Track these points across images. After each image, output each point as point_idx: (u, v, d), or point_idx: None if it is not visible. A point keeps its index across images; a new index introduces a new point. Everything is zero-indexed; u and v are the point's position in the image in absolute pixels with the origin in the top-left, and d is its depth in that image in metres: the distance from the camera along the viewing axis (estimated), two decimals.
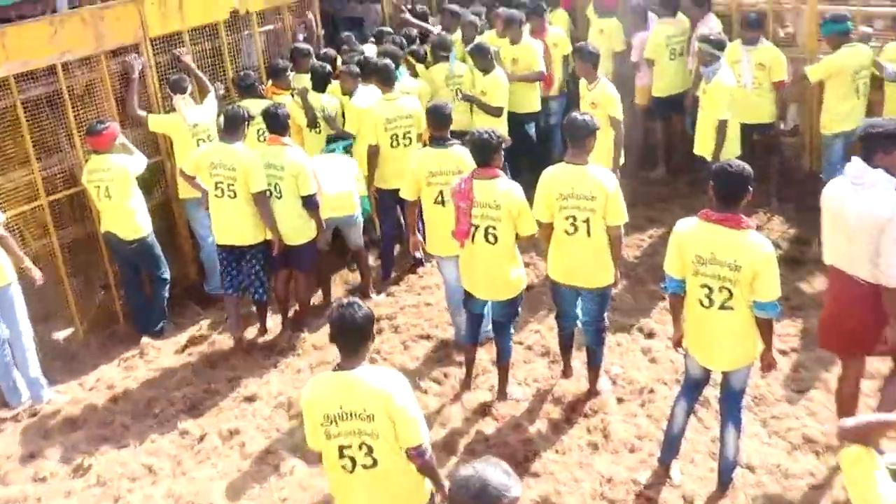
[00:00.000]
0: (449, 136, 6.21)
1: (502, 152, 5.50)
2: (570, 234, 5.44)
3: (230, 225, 6.65)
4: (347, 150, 7.60)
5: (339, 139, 7.62)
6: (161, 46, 7.60)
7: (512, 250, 5.55)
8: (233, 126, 6.64)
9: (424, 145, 6.91)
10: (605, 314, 5.75)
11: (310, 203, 6.64)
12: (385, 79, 7.39)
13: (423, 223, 6.52)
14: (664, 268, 4.74)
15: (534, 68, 8.69)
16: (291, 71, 8.04)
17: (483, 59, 8.12)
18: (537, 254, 7.53)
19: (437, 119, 6.20)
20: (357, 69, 7.81)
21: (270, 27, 8.49)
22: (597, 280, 5.58)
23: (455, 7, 9.41)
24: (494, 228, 5.45)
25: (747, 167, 4.46)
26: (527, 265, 7.01)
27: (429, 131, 6.35)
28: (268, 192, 6.56)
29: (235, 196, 6.56)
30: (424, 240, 6.44)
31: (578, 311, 5.79)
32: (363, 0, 10.25)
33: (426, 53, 8.70)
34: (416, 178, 6.11)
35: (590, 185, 5.34)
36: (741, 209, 4.46)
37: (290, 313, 7.24)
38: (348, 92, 7.75)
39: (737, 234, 4.42)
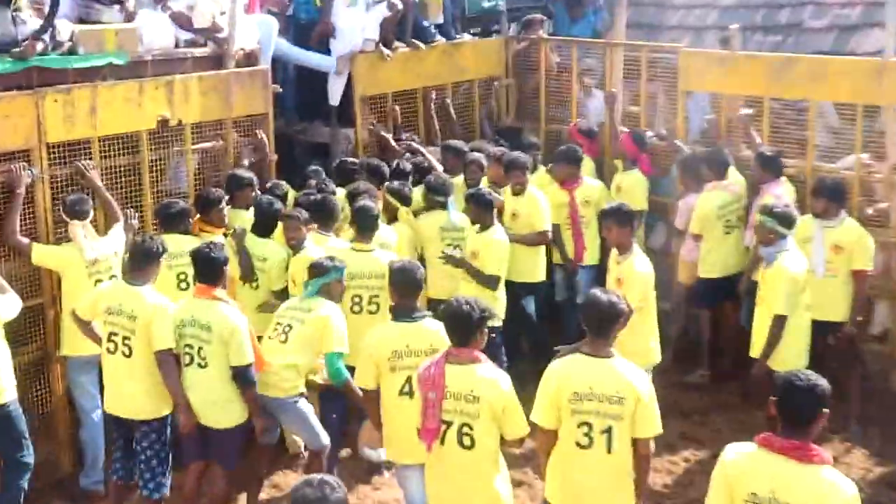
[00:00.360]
0: (417, 305, 6.16)
1: (486, 330, 5.45)
2: (584, 448, 5.31)
3: (122, 391, 6.56)
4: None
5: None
6: (61, 156, 7.48)
7: (494, 458, 5.47)
8: (141, 262, 6.61)
9: None
10: None
11: (242, 377, 6.45)
12: (363, 224, 7.47)
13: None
14: None
15: (536, 227, 8.69)
16: (227, 204, 7.90)
17: (482, 211, 8.13)
18: (533, 470, 7.26)
19: (404, 283, 6.12)
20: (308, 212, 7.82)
21: (209, 145, 8.43)
22: None
23: (459, 143, 9.56)
24: (471, 428, 5.37)
25: (822, 381, 4.34)
26: (518, 484, 7.05)
27: (391, 299, 6.26)
28: (187, 357, 6.47)
29: (131, 354, 6.49)
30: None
31: None
32: (331, 122, 10.24)
33: (409, 195, 8.55)
34: (374, 360, 6.00)
35: (616, 384, 5.25)
36: (813, 436, 4.31)
37: None
38: (294, 243, 7.63)
39: (807, 470, 4.25)
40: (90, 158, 7.58)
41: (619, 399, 5.22)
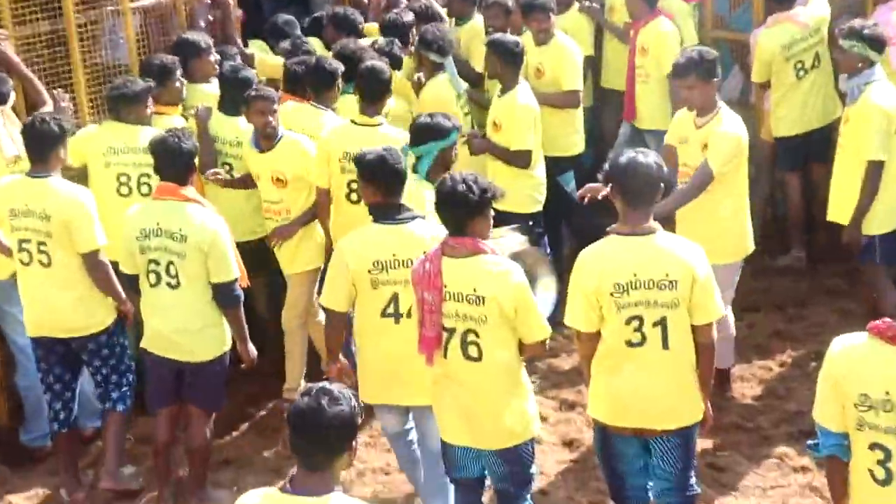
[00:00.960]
0: (401, 203, 6.14)
1: (489, 213, 5.59)
2: (635, 346, 5.55)
3: (48, 307, 6.75)
4: None
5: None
6: None
7: (510, 371, 5.66)
8: (41, 148, 6.68)
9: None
10: (692, 476, 5.81)
11: (228, 295, 6.60)
12: (371, 90, 7.45)
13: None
14: (814, 416, 4.66)
15: (563, 86, 8.80)
16: (181, 77, 7.89)
17: (506, 65, 8.14)
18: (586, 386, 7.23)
19: (384, 175, 6.07)
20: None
21: (152, 1, 8.43)
22: (678, 417, 5.67)
23: None
24: (477, 335, 5.55)
25: None
26: (570, 407, 7.46)
27: (369, 195, 6.21)
28: (152, 276, 6.57)
29: (50, 262, 6.67)
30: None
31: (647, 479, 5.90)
32: None
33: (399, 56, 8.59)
34: (350, 273, 6.08)
35: (666, 264, 5.47)
36: None
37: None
38: (271, 130, 7.53)
39: None
40: (1, 26, 7.58)
41: (670, 283, 5.41)
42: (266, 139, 7.43)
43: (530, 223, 7.78)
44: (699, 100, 7.18)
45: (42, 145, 6.64)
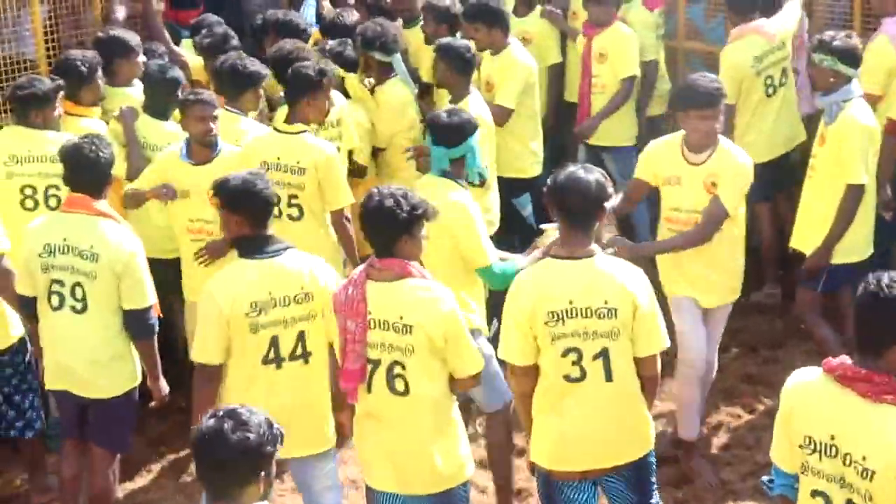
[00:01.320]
0: (270, 234, 6.07)
1: (418, 234, 5.62)
2: (574, 381, 5.61)
3: None
4: None
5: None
6: None
7: (439, 408, 5.70)
8: None
9: None
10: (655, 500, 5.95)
11: (139, 324, 6.56)
12: (292, 92, 7.49)
13: None
14: (770, 453, 4.77)
15: (501, 100, 8.77)
16: (101, 77, 7.90)
17: (458, 72, 8.20)
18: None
19: (251, 203, 5.95)
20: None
21: None
22: (629, 452, 5.72)
23: None
24: (403, 367, 5.60)
25: None
26: (518, 453, 7.21)
27: (234, 228, 6.05)
28: (54, 298, 6.52)
29: None
30: None
31: None
32: None
33: (354, 58, 8.61)
34: (225, 319, 5.92)
35: (605, 290, 5.53)
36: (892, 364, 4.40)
37: None
38: (210, 139, 7.50)
39: (874, 409, 4.36)
40: None
41: (609, 311, 5.47)
42: (204, 149, 7.37)
43: None
44: (713, 134, 7.15)
45: None
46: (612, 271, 5.53)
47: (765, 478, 5.06)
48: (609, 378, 5.54)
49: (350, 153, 8.11)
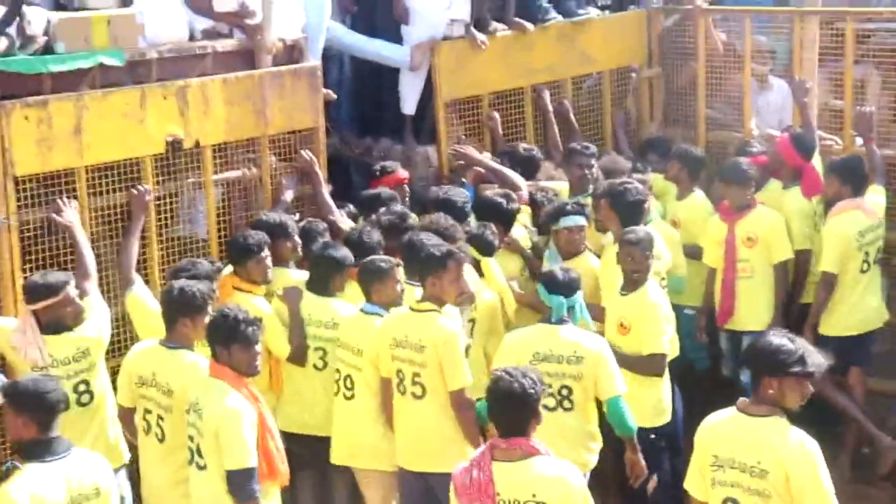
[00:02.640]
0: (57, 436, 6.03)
1: (541, 410, 5.73)
2: None
3: None
4: None
5: None
6: (34, 194, 7.64)
7: None
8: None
9: None
10: None
11: (237, 486, 6.47)
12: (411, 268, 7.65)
13: None
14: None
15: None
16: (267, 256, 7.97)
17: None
18: None
19: (39, 406, 5.96)
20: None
21: (237, 174, 8.61)
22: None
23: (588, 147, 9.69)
24: None
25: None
26: None
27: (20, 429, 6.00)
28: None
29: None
30: None
31: None
32: (404, 137, 10.45)
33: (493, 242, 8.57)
34: None
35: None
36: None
37: None
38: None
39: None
40: (75, 197, 7.71)
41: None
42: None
43: (652, 437, 7.70)
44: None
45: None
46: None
47: None
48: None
49: None
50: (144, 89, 7.85)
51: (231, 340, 6.43)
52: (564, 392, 7.17)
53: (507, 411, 5.65)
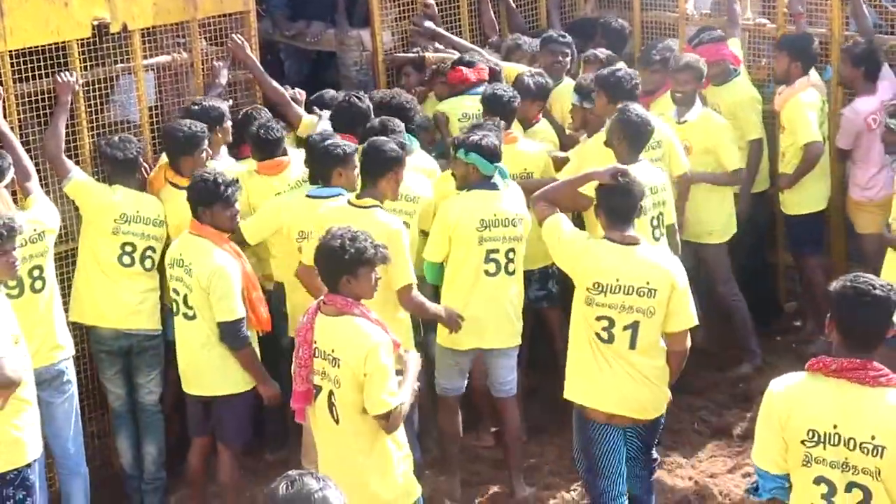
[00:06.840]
0: None
1: (365, 274, 6.01)
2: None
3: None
4: None
5: None
6: None
7: (367, 439, 6.01)
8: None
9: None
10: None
11: (230, 335, 7.19)
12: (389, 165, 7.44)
13: None
14: (754, 460, 5.12)
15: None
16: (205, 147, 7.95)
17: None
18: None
19: None
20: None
21: (167, 58, 8.56)
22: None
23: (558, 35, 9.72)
24: (335, 397, 6.02)
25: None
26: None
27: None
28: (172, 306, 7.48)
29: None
30: None
31: None
32: (338, 21, 10.37)
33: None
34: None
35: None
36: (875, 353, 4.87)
37: None
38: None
39: (874, 393, 4.82)
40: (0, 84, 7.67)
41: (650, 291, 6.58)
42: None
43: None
44: None
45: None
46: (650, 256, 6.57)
47: (748, 486, 5.39)
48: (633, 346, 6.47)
49: None
50: None
51: (213, 200, 7.06)
52: (510, 255, 7.49)
53: (324, 267, 6.06)
